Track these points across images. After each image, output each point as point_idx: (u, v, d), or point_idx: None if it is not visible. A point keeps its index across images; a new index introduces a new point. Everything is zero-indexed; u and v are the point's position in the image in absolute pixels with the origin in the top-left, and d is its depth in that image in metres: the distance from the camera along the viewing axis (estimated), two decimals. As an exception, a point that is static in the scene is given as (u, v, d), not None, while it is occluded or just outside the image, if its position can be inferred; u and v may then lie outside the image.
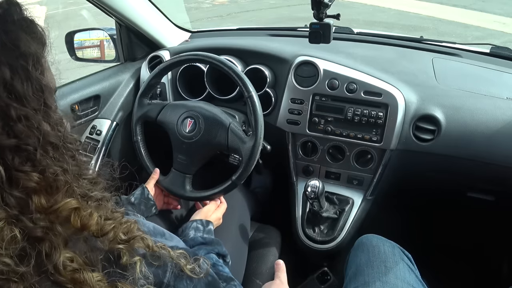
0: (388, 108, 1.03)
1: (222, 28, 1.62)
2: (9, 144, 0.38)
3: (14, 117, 0.38)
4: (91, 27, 1.42)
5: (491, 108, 1.00)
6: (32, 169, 0.40)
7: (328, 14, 0.81)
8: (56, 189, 0.42)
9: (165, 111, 1.04)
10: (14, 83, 0.38)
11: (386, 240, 0.90)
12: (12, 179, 0.39)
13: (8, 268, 0.38)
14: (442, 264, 1.28)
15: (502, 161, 0.99)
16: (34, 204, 0.40)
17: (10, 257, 0.38)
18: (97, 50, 1.43)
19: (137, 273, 0.46)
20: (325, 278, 1.14)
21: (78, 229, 0.43)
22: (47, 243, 0.40)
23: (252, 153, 0.92)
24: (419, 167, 1.12)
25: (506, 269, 1.34)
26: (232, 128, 0.97)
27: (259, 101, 0.93)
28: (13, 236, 0.38)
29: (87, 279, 0.42)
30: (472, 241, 1.44)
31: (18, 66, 0.39)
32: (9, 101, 0.38)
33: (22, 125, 0.39)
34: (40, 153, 0.40)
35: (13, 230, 0.38)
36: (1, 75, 0.37)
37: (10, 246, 0.38)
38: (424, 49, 1.28)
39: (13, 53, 0.39)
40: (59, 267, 0.40)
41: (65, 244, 0.42)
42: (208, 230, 0.86)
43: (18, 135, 0.39)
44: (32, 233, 0.40)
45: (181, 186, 1.01)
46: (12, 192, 0.39)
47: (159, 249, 0.51)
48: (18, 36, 0.40)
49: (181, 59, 1.01)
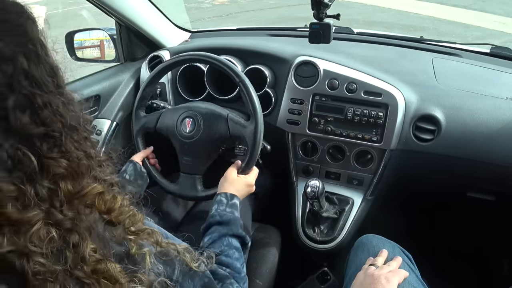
0: (388, 108, 1.03)
1: (222, 28, 1.62)
2: (38, 133, 0.38)
3: (41, 105, 0.38)
4: (91, 27, 1.42)
5: (491, 108, 1.00)
6: (59, 155, 0.40)
7: (328, 14, 0.82)
8: (81, 174, 0.42)
9: (163, 118, 1.03)
10: (31, 70, 0.38)
11: (386, 240, 0.90)
12: (43, 167, 0.39)
13: (44, 269, 0.38)
14: (442, 264, 1.28)
15: (502, 161, 0.99)
16: (62, 191, 0.40)
17: (45, 257, 0.38)
18: (97, 50, 1.43)
19: (147, 264, 0.46)
20: (325, 278, 1.14)
21: (103, 212, 0.44)
22: (75, 234, 0.41)
23: (255, 135, 0.91)
24: (419, 167, 1.12)
25: (506, 269, 1.34)
26: (231, 117, 0.97)
27: (252, 87, 0.93)
28: (50, 236, 0.38)
29: (110, 269, 0.43)
30: (472, 241, 1.44)
31: (30, 52, 0.39)
32: (32, 89, 0.38)
33: (48, 112, 0.39)
34: (65, 138, 0.41)
35: (50, 231, 0.39)
36: (19, 65, 0.37)
37: (48, 245, 0.38)
38: (424, 49, 1.28)
39: (23, 39, 0.38)
40: (86, 257, 0.41)
41: (90, 234, 0.42)
42: (231, 204, 0.82)
43: (45, 122, 0.39)
44: (63, 225, 0.40)
45: (192, 187, 1.00)
46: (43, 182, 0.39)
47: (167, 245, 0.52)
48: (22, 21, 0.39)
49: (180, 59, 1.01)
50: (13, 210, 0.36)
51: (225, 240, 0.73)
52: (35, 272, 0.37)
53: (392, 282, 0.71)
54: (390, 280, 0.71)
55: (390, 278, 0.72)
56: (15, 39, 0.38)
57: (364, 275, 0.75)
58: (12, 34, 0.38)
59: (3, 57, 0.36)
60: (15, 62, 0.37)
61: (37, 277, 0.38)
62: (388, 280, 0.71)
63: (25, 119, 0.37)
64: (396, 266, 0.78)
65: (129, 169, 0.99)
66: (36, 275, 0.37)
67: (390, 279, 0.71)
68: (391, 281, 0.71)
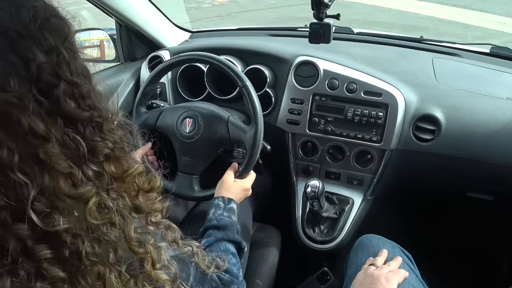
0: (388, 108, 1.03)
1: (222, 28, 1.62)
2: (84, 117, 0.41)
3: (83, 93, 0.41)
4: (91, 27, 1.42)
5: (491, 108, 1.00)
6: (101, 139, 0.42)
7: (328, 14, 0.82)
8: (119, 158, 0.45)
9: (163, 116, 1.03)
10: (71, 62, 0.41)
11: (386, 240, 0.90)
12: (90, 150, 0.41)
13: (94, 250, 0.40)
14: (442, 264, 1.28)
15: (502, 161, 0.99)
16: (108, 173, 0.42)
17: (96, 241, 0.40)
18: (97, 50, 1.43)
19: (162, 260, 0.47)
20: (325, 278, 1.14)
21: (146, 191, 0.46)
22: (119, 215, 0.42)
23: (255, 141, 0.91)
24: (419, 167, 1.12)
25: (506, 269, 1.34)
26: (231, 120, 0.97)
27: (254, 90, 0.93)
28: (105, 208, 0.41)
29: (150, 251, 0.45)
30: (472, 241, 1.44)
31: (68, 48, 0.41)
32: (75, 79, 0.41)
33: (89, 100, 0.42)
34: (103, 124, 0.43)
35: (105, 204, 0.41)
36: (62, 56, 0.40)
37: (102, 216, 0.40)
38: (424, 49, 1.28)
39: (61, 36, 0.41)
40: (132, 237, 0.43)
41: (131, 216, 0.44)
42: (229, 209, 0.82)
43: (89, 109, 0.42)
44: (109, 206, 0.42)
45: (189, 187, 1.00)
46: (90, 165, 0.41)
47: (183, 245, 0.53)
48: (57, 19, 0.42)
49: (180, 59, 1.01)
50: (66, 186, 0.38)
51: (221, 245, 0.73)
52: (88, 252, 0.39)
53: (392, 282, 0.71)
54: (390, 280, 0.71)
55: (390, 278, 0.72)
56: (58, 34, 0.40)
57: (364, 275, 0.75)
58: (55, 30, 0.40)
59: (50, 47, 0.39)
60: (59, 53, 0.39)
61: (89, 258, 0.39)
62: (388, 280, 0.71)
63: (73, 105, 0.40)
64: (396, 266, 0.78)
65: None
66: (88, 256, 0.39)
67: (390, 279, 0.71)
68: (391, 281, 0.71)
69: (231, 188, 0.89)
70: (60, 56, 0.39)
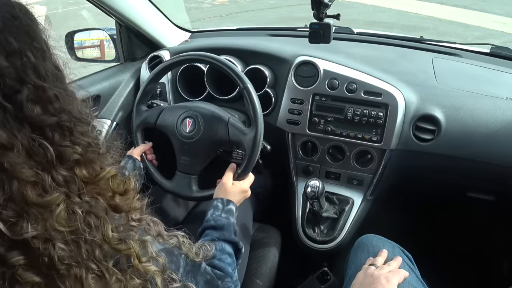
0: (388, 108, 1.03)
1: (222, 28, 1.62)
2: (51, 122, 0.40)
3: (51, 97, 0.40)
4: (91, 27, 1.42)
5: (491, 108, 1.00)
6: (71, 144, 0.42)
7: (328, 14, 0.82)
8: (91, 161, 0.44)
9: (164, 114, 1.03)
10: (38, 64, 0.40)
11: (386, 240, 0.90)
12: (59, 155, 0.40)
13: (69, 254, 0.39)
14: (442, 264, 1.28)
15: (502, 161, 0.99)
16: (79, 177, 0.42)
17: (68, 243, 0.40)
18: (97, 50, 1.42)
19: (149, 253, 0.47)
20: (325, 278, 1.14)
21: (119, 193, 0.46)
22: (94, 217, 0.42)
23: (254, 144, 0.92)
24: (419, 167, 1.12)
25: (506, 269, 1.34)
26: (232, 122, 0.97)
27: (255, 93, 0.93)
28: (74, 214, 0.40)
29: (132, 246, 0.44)
30: (472, 241, 1.44)
31: (36, 48, 0.41)
32: (41, 82, 0.40)
33: (57, 103, 0.41)
34: (74, 127, 0.43)
35: (74, 210, 0.40)
36: (27, 59, 0.39)
37: (71, 223, 0.40)
38: (424, 49, 1.28)
39: (29, 37, 0.40)
40: (109, 236, 0.43)
41: (107, 216, 0.44)
42: (227, 210, 0.82)
43: (56, 113, 0.41)
44: (82, 207, 0.41)
45: (187, 187, 1.00)
46: (60, 169, 0.40)
47: (168, 237, 0.53)
48: (27, 20, 0.41)
49: (180, 59, 1.01)
50: (33, 194, 0.38)
51: (218, 244, 0.73)
52: (61, 257, 0.39)
53: (392, 282, 0.71)
54: (390, 280, 0.71)
55: (390, 278, 0.72)
56: (23, 36, 0.39)
57: (364, 275, 0.75)
58: (20, 31, 0.39)
59: (12, 50, 0.38)
60: (23, 56, 0.39)
61: (62, 262, 0.39)
62: (388, 280, 0.71)
63: (38, 110, 0.39)
64: (396, 266, 0.78)
65: (128, 165, 0.99)
66: (61, 260, 0.39)
67: (390, 279, 0.71)
68: (391, 281, 0.71)
69: (230, 191, 0.89)
70: (24, 59, 0.39)
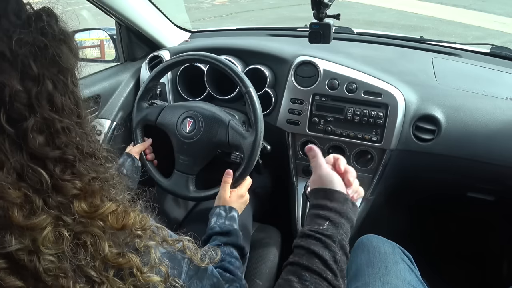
0: (388, 108, 1.03)
1: (222, 28, 1.61)
2: (53, 156, 0.39)
3: (59, 129, 0.40)
4: (91, 27, 1.42)
5: (491, 108, 1.00)
6: (72, 177, 0.41)
7: (328, 14, 0.81)
8: (92, 194, 0.43)
9: (164, 113, 1.04)
10: (55, 96, 0.39)
11: (386, 240, 0.90)
12: (57, 187, 0.40)
13: (55, 265, 0.39)
14: (442, 264, 1.28)
15: (502, 161, 0.99)
16: (76, 209, 0.41)
17: (56, 256, 0.39)
18: (97, 50, 1.43)
19: (152, 259, 0.47)
20: (325, 278, 1.14)
21: (116, 229, 0.45)
22: (89, 236, 0.42)
23: (253, 148, 0.92)
24: (419, 167, 1.12)
25: (506, 269, 1.34)
26: (232, 124, 0.97)
27: (257, 96, 0.93)
28: (60, 237, 0.39)
29: (131, 259, 0.44)
30: (472, 240, 1.44)
31: (59, 80, 0.40)
32: (52, 114, 0.39)
33: (65, 137, 0.40)
34: (79, 162, 0.42)
35: (62, 232, 0.40)
36: (45, 88, 0.38)
37: (58, 246, 0.39)
38: (424, 49, 1.28)
39: (55, 67, 0.39)
40: (107, 254, 0.42)
41: (104, 233, 0.43)
42: (230, 217, 0.84)
43: (60, 147, 0.40)
44: (74, 228, 0.41)
45: (184, 187, 1.00)
46: (55, 197, 0.40)
47: (173, 242, 0.52)
48: (59, 50, 0.40)
49: (180, 59, 1.01)
50: (19, 215, 0.37)
51: (226, 249, 0.74)
52: (46, 269, 0.38)
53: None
54: None
55: None
56: (48, 64, 0.39)
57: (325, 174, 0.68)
58: (47, 58, 0.39)
59: (32, 77, 0.37)
60: (41, 83, 0.38)
61: (48, 273, 0.38)
62: None
63: (41, 141, 0.38)
64: None
65: (127, 164, 1.00)
66: (47, 272, 0.38)
67: None
68: None
69: (229, 201, 0.89)
70: (41, 87, 0.38)
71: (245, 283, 0.70)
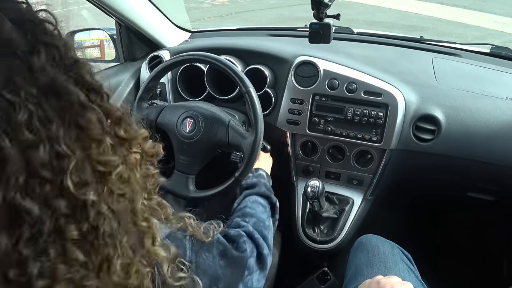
0: (388, 108, 1.03)
1: (222, 28, 1.61)
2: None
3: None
4: (91, 27, 1.42)
5: (491, 108, 1.00)
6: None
7: (328, 14, 0.81)
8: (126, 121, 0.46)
9: (164, 113, 1.04)
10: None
11: (385, 240, 0.90)
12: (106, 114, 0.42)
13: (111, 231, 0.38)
14: (442, 264, 1.28)
15: (502, 161, 0.99)
16: (122, 137, 0.43)
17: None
18: (97, 50, 1.43)
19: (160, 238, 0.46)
20: (325, 278, 1.14)
21: (151, 155, 0.48)
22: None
23: (253, 148, 0.92)
24: (419, 167, 1.12)
25: (506, 269, 1.34)
26: (232, 124, 0.97)
27: (257, 96, 0.93)
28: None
29: (153, 225, 0.44)
30: (472, 241, 1.44)
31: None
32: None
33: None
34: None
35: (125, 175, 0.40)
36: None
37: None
38: (424, 49, 1.28)
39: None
40: (138, 210, 0.42)
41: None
42: (257, 175, 0.93)
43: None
44: (129, 176, 0.41)
45: (184, 187, 1.00)
46: (113, 131, 0.42)
47: (176, 220, 0.52)
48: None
49: (180, 59, 1.01)
50: (96, 152, 0.37)
51: (251, 197, 0.82)
52: (105, 232, 0.37)
53: None
54: None
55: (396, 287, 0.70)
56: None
57: (370, 281, 0.74)
58: None
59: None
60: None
61: (104, 237, 0.37)
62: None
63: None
64: None
65: None
66: (104, 235, 0.37)
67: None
68: None
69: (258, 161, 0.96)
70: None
71: (269, 224, 0.77)
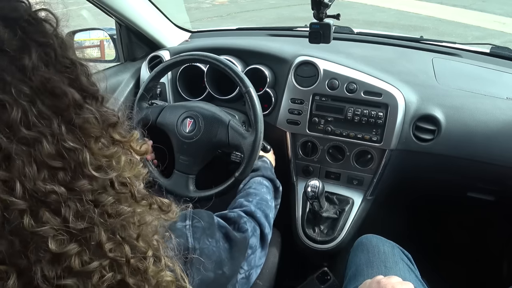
0: (388, 108, 1.03)
1: (222, 28, 1.61)
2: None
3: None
4: (91, 27, 1.42)
5: (491, 108, 1.00)
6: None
7: (328, 14, 0.81)
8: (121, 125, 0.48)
9: (164, 113, 1.04)
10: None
11: (385, 240, 0.90)
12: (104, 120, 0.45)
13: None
14: (442, 264, 1.28)
15: (502, 161, 0.99)
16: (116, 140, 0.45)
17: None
18: (97, 50, 1.42)
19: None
20: (325, 278, 1.14)
21: (141, 154, 0.50)
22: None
23: (253, 148, 0.92)
24: (419, 167, 1.12)
25: (506, 269, 1.34)
26: (232, 124, 0.97)
27: (257, 96, 0.94)
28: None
29: (156, 200, 0.47)
30: (472, 240, 1.44)
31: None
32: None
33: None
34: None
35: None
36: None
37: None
38: (424, 49, 1.28)
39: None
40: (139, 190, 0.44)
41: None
42: (263, 160, 0.99)
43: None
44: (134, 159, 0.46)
45: (184, 187, 1.00)
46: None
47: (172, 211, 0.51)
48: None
49: (180, 59, 1.01)
50: (97, 146, 0.40)
51: (256, 179, 0.88)
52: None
53: None
54: None
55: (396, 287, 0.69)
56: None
57: (370, 281, 0.74)
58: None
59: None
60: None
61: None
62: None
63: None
64: None
65: None
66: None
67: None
68: None
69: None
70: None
71: (271, 204, 0.85)
